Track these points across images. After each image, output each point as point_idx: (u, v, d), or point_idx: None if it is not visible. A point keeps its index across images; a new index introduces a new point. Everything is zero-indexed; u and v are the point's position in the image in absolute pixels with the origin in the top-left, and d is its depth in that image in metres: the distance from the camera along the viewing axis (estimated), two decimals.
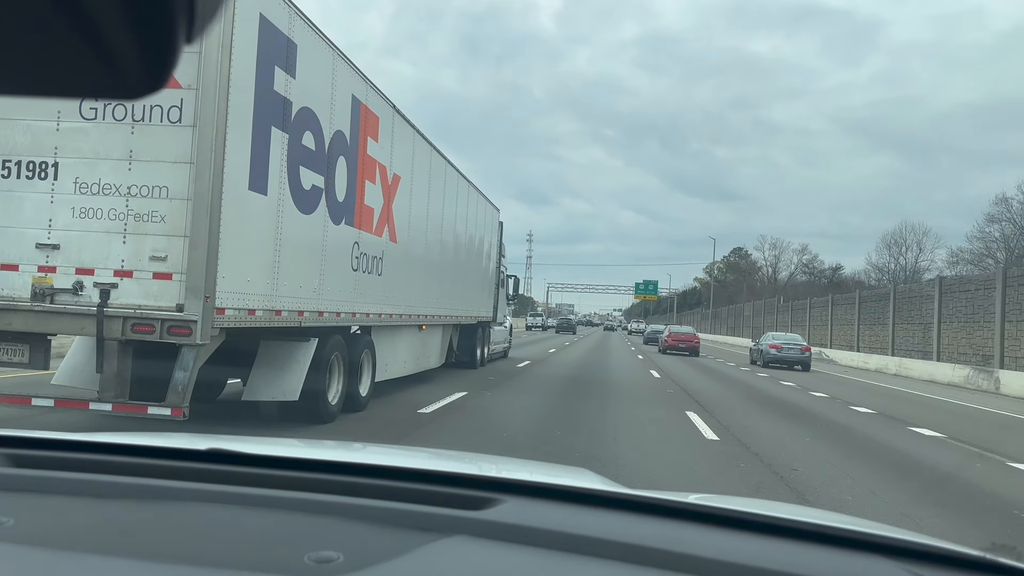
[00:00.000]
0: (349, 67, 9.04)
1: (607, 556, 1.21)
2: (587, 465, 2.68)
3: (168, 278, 6.24)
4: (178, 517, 1.30)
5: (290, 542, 1.18)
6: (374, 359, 10.61)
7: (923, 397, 20.11)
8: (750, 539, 1.34)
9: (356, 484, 1.47)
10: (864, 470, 8.17)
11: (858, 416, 13.92)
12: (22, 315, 6.35)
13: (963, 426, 13.44)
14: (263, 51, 6.87)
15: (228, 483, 1.45)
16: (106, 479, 1.44)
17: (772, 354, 29.78)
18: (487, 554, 1.21)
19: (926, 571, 1.22)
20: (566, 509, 1.43)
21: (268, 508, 1.35)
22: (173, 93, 6.26)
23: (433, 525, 1.28)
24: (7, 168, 6.41)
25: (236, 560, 1.12)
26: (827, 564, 1.25)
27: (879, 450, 9.82)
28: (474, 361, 18.40)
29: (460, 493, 1.45)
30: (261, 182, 7.00)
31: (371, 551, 1.15)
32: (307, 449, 1.94)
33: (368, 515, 1.32)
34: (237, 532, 1.25)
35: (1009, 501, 7.00)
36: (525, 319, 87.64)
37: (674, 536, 1.31)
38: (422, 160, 12.49)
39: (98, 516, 1.28)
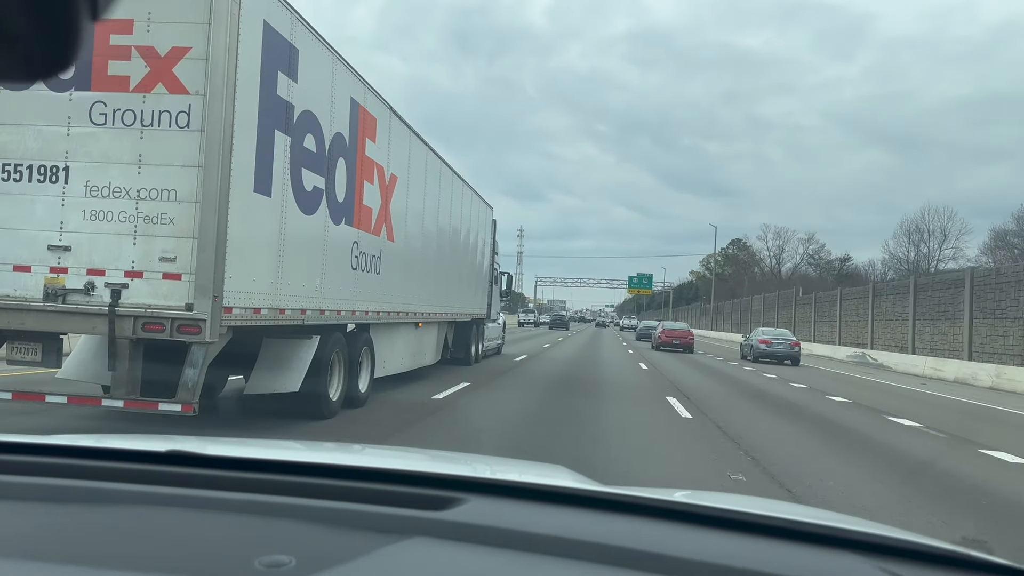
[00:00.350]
0: (347, 70, 9.23)
1: (572, 556, 1.20)
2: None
3: (177, 278, 6.44)
4: (130, 522, 1.27)
5: (241, 546, 1.17)
6: (373, 356, 10.82)
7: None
8: (721, 536, 1.33)
9: (313, 485, 1.44)
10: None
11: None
12: (35, 315, 6.54)
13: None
14: (267, 57, 7.07)
15: (186, 486, 1.42)
16: (58, 483, 1.40)
17: (762, 349, 30.15)
18: (446, 556, 1.19)
19: (899, 568, 1.22)
20: (533, 508, 1.40)
21: (222, 511, 1.32)
22: (181, 99, 6.45)
23: (391, 526, 1.25)
24: (19, 172, 6.59)
25: (185, 566, 1.10)
26: (799, 562, 1.24)
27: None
28: (469, 358, 18.63)
29: (422, 493, 1.41)
30: (265, 184, 7.20)
31: (324, 554, 1.13)
32: (270, 450, 1.88)
33: (323, 517, 1.30)
34: (189, 537, 1.22)
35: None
36: (517, 315, 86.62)
37: (642, 534, 1.31)
38: (418, 160, 12.70)
39: (45, 522, 1.25)
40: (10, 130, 6.60)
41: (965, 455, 9.35)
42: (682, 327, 38.10)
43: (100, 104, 6.53)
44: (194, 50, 6.45)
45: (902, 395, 18.66)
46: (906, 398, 17.73)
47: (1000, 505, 6.62)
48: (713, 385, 17.97)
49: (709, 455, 8.14)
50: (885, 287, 39.01)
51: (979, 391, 21.53)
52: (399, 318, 12.02)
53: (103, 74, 6.51)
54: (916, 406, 15.64)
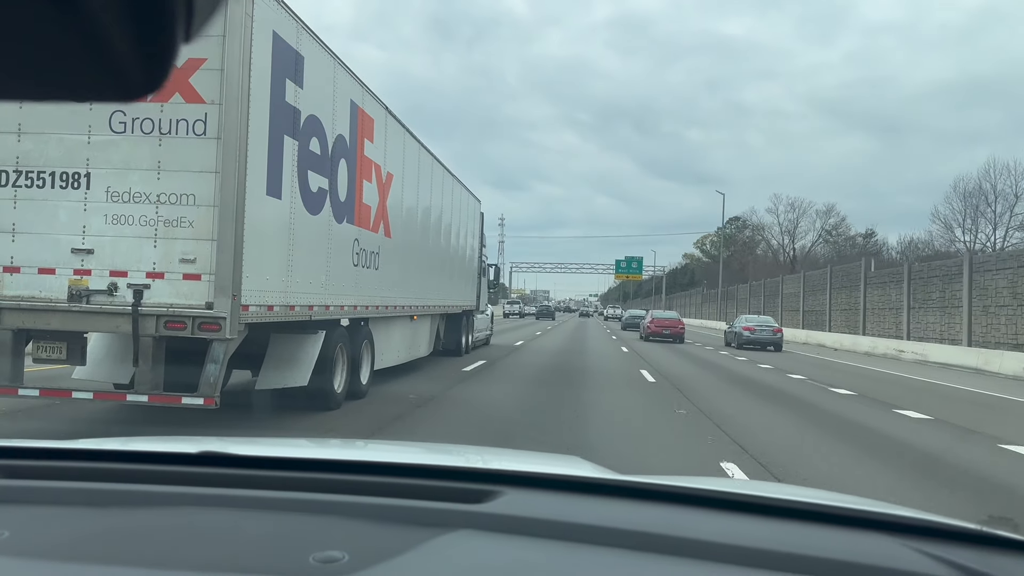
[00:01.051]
0: (347, 73, 9.56)
1: (611, 544, 1.23)
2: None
3: (197, 279, 6.78)
4: (175, 522, 1.29)
5: (293, 543, 1.18)
6: (373, 349, 11.19)
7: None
8: (750, 521, 1.36)
9: (356, 482, 1.48)
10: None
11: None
12: (60, 315, 6.86)
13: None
14: (276, 66, 7.40)
15: (225, 486, 1.44)
16: (100, 487, 1.42)
17: (745, 336, 30.85)
18: (493, 547, 1.23)
19: (925, 546, 1.24)
20: (564, 498, 1.46)
21: (266, 510, 1.34)
22: (198, 108, 6.78)
23: (436, 520, 1.28)
24: (42, 179, 6.90)
25: (238, 564, 1.12)
26: (829, 543, 1.26)
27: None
28: (460, 349, 19.02)
29: (459, 487, 1.46)
30: (276, 187, 7.55)
31: (376, 549, 1.15)
32: (299, 449, 1.93)
33: (371, 513, 1.32)
34: (237, 535, 1.24)
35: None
36: (502, 307, 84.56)
37: (675, 521, 1.34)
38: (411, 158, 13.04)
39: (95, 525, 1.28)
40: (33, 139, 6.90)
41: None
42: (672, 316, 36.71)
43: (119, 113, 6.84)
44: (209, 61, 6.77)
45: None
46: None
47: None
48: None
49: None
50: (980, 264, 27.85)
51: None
52: (396, 312, 12.39)
53: None
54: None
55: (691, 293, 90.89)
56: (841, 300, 39.78)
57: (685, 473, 8.87)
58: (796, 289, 47.18)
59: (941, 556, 1.19)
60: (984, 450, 8.65)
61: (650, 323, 34.95)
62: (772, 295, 52.33)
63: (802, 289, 45.87)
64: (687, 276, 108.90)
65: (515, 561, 1.18)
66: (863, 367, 23.11)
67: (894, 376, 20.15)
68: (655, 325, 34.28)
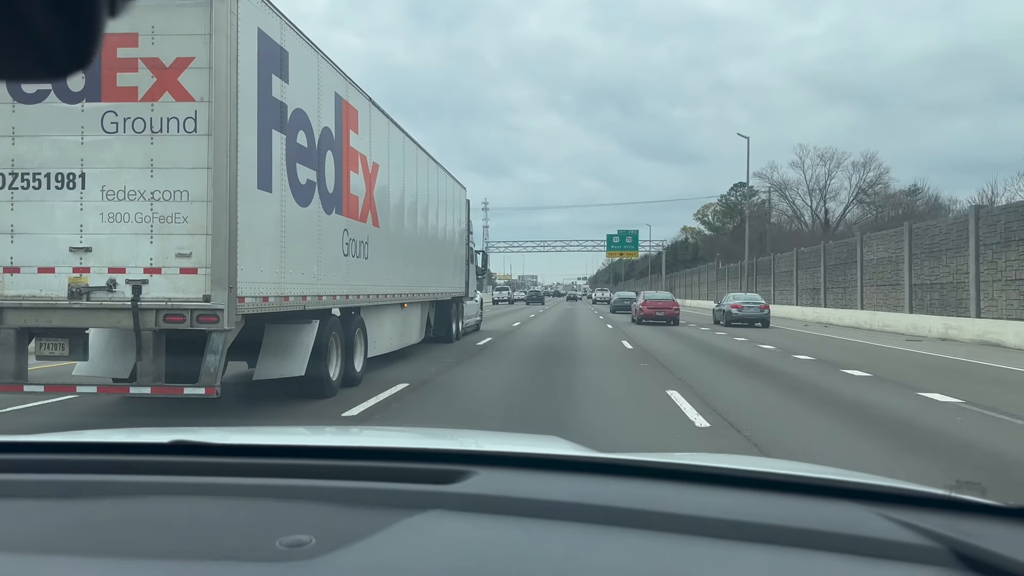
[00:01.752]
0: (331, 66, 9.73)
1: (581, 519, 1.24)
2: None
3: (194, 272, 6.97)
4: (144, 512, 1.29)
5: (260, 529, 1.18)
6: (366, 337, 11.41)
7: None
8: (720, 493, 1.37)
9: (325, 467, 1.48)
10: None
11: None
12: (61, 312, 7.04)
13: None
14: (262, 62, 7.57)
15: (194, 474, 1.44)
16: (69, 479, 1.42)
17: (734, 313, 31.27)
18: (462, 526, 1.23)
19: (893, 512, 1.25)
20: (539, 476, 1.46)
21: (236, 496, 1.35)
22: (188, 106, 6.95)
23: (406, 502, 1.29)
24: (37, 180, 7.05)
25: (206, 551, 1.12)
26: (797, 512, 1.28)
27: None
28: (450, 335, 19.26)
29: (432, 468, 1.45)
30: (267, 181, 7.73)
31: (344, 532, 1.15)
32: (274, 436, 1.93)
33: (339, 497, 1.33)
34: (205, 522, 1.24)
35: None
36: (491, 293, 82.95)
37: (645, 495, 1.35)
38: (396, 147, 13.22)
39: (64, 517, 1.26)
40: (27, 141, 7.06)
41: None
42: (665, 296, 34.97)
43: (111, 114, 7.00)
44: (197, 60, 6.94)
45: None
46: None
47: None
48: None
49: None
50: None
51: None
52: (387, 300, 12.60)
53: (112, 85, 6.98)
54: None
55: (698, 270, 77.64)
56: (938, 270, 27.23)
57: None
58: (845, 256, 36.05)
59: (909, 522, 1.21)
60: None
61: (642, 305, 33.36)
62: (810, 265, 41.00)
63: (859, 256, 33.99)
64: (688, 252, 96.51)
65: (484, 539, 1.19)
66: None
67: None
68: (648, 307, 32.80)
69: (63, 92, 7.01)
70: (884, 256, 31.99)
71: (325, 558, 1.05)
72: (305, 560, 1.05)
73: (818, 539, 1.17)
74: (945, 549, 1.13)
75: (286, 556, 1.06)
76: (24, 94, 7.03)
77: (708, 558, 1.14)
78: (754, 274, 52.41)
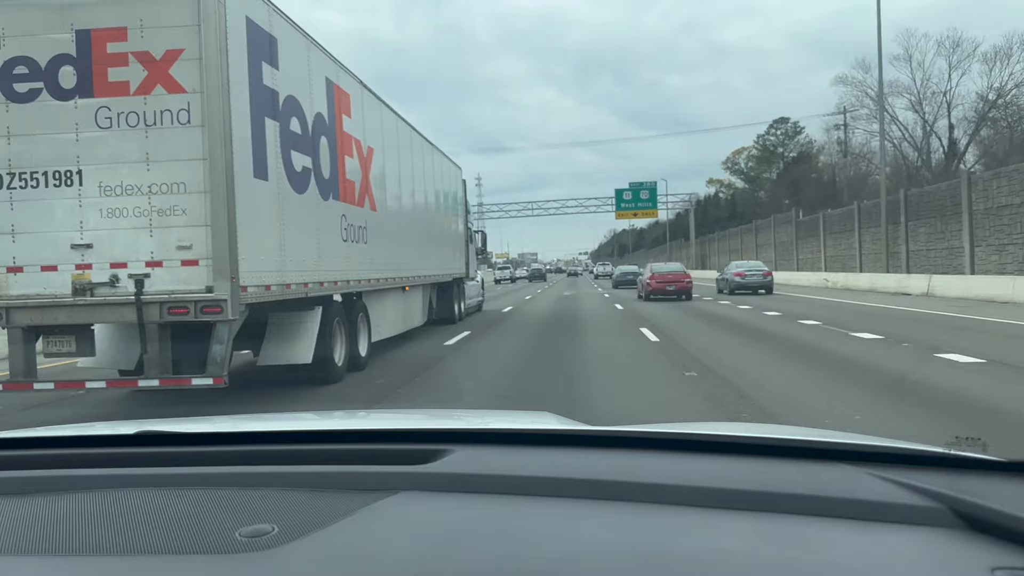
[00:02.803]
0: (320, 51, 9.72)
1: (556, 494, 1.21)
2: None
3: (195, 264, 7.01)
4: (103, 506, 1.25)
5: (221, 519, 1.16)
6: (369, 321, 11.47)
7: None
8: (708, 460, 1.34)
9: (290, 452, 1.44)
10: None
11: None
12: (66, 310, 7.10)
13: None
14: (252, 50, 7.56)
15: (157, 465, 1.41)
16: (29, 475, 1.39)
17: (737, 281, 31.47)
18: (432, 506, 1.20)
19: (890, 472, 1.22)
20: (518, 452, 1.42)
21: (199, 487, 1.31)
22: (180, 98, 6.96)
23: (375, 484, 1.25)
24: (35, 179, 7.08)
25: (164, 544, 1.09)
26: (790, 477, 1.25)
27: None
28: (453, 316, 19.32)
29: (406, 449, 1.43)
30: (263, 169, 7.75)
31: (308, 519, 1.12)
32: (240, 423, 1.89)
33: (304, 482, 1.29)
34: (165, 515, 1.20)
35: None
36: (493, 272, 78.62)
37: (629, 466, 1.31)
38: (390, 130, 13.21)
39: (21, 514, 1.24)
40: (22, 140, 7.07)
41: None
42: (676, 268, 30.92)
43: (104, 109, 7.01)
44: (187, 51, 6.93)
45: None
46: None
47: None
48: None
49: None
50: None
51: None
52: (388, 283, 12.65)
53: (104, 80, 6.98)
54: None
55: (737, 231, 59.93)
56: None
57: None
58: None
59: (906, 482, 1.18)
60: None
61: (650, 279, 29.20)
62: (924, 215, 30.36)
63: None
64: (723, 208, 76.21)
65: (455, 519, 1.15)
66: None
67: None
68: (656, 281, 28.89)
69: (55, 89, 7.02)
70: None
71: (286, 547, 1.03)
72: (265, 550, 1.02)
73: (812, 504, 1.14)
74: (945, 508, 1.10)
75: (246, 547, 1.04)
76: (16, 93, 7.04)
77: (696, 527, 1.11)
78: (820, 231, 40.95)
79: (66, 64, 7.02)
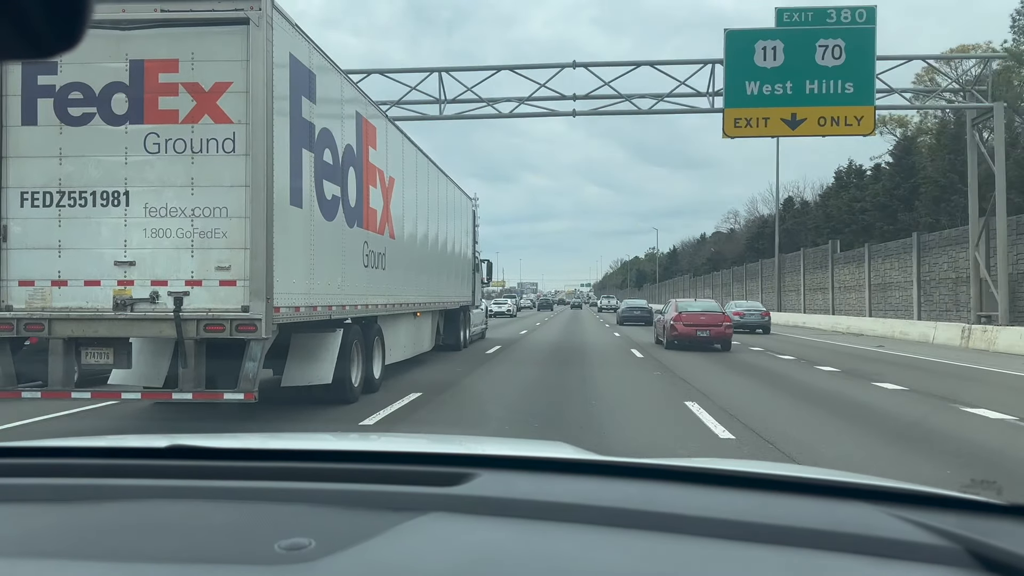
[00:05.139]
0: (352, 86, 10.19)
1: (582, 521, 1.22)
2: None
3: (233, 284, 7.39)
4: (141, 515, 1.27)
5: (259, 532, 1.17)
6: (383, 345, 11.83)
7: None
8: (727, 494, 1.36)
9: (325, 469, 1.47)
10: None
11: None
12: (107, 323, 7.45)
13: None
14: (293, 85, 8.01)
15: (191, 478, 1.43)
16: (66, 482, 1.41)
17: (736, 320, 31.91)
18: (462, 527, 1.22)
19: (906, 512, 1.23)
20: (541, 479, 1.45)
21: (234, 500, 1.34)
22: (226, 128, 7.38)
23: (407, 504, 1.28)
24: (84, 198, 7.47)
25: (203, 554, 1.12)
26: (807, 512, 1.26)
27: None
28: (459, 343, 19.68)
29: (434, 471, 1.45)
30: (298, 197, 8.16)
31: (344, 534, 1.14)
32: (271, 441, 1.92)
33: (339, 499, 1.32)
34: (203, 526, 1.23)
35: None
36: (486, 304, 59.06)
37: (650, 497, 1.33)
38: (409, 161, 13.67)
39: (60, 520, 1.26)
40: (74, 162, 7.48)
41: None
42: (711, 308, 23.26)
43: (153, 135, 7.42)
44: (235, 84, 7.37)
45: None
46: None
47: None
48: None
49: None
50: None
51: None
52: (402, 308, 13.04)
53: (154, 108, 7.41)
54: None
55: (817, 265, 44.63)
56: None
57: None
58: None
59: (923, 522, 1.19)
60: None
61: (676, 320, 21.26)
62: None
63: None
64: (764, 241, 60.45)
65: (486, 541, 1.17)
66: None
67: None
68: (685, 323, 21.08)
69: (108, 115, 7.44)
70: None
71: (324, 560, 1.05)
72: (304, 563, 1.04)
73: (831, 540, 1.15)
74: (960, 549, 1.11)
75: (285, 559, 1.06)
76: (71, 116, 7.46)
77: (716, 559, 1.12)
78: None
79: (119, 92, 7.44)
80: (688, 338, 20.82)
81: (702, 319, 21.24)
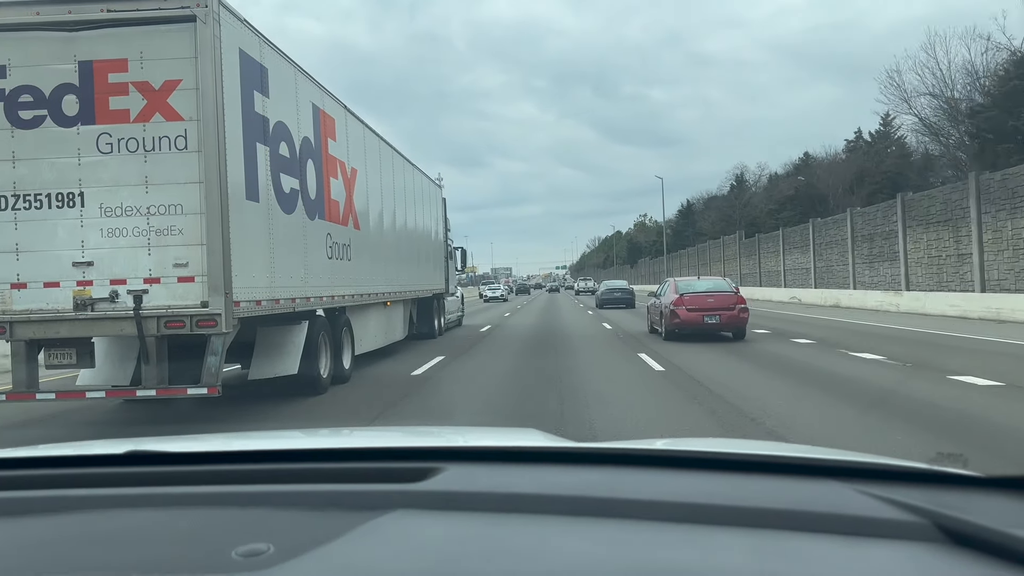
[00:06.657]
0: (307, 78, 10.22)
1: (553, 511, 1.21)
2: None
3: (191, 281, 7.46)
4: (96, 526, 1.24)
5: (216, 539, 1.15)
6: (352, 336, 11.92)
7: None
8: (695, 477, 1.35)
9: (287, 471, 1.44)
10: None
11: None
12: (68, 324, 7.51)
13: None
14: (244, 79, 8.05)
15: (149, 485, 1.40)
16: (18, 495, 1.38)
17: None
18: (429, 524, 1.20)
19: (875, 488, 1.24)
20: (509, 470, 1.43)
21: (193, 506, 1.31)
22: (177, 125, 7.42)
23: (370, 503, 1.26)
24: (39, 200, 7.50)
25: (160, 564, 1.09)
26: (776, 493, 1.26)
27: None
28: (433, 331, 19.80)
29: (398, 467, 1.42)
30: (254, 191, 8.23)
31: (303, 538, 1.12)
32: (232, 441, 1.88)
33: (300, 501, 1.30)
34: (159, 535, 1.20)
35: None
36: (479, 289, 69.26)
37: (617, 483, 1.32)
38: (373, 152, 13.72)
39: (10, 535, 1.23)
40: (27, 164, 7.50)
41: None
42: (720, 287, 18.47)
43: (105, 135, 7.46)
44: (184, 81, 7.41)
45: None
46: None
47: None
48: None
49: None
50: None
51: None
52: (370, 299, 13.12)
53: (105, 109, 7.44)
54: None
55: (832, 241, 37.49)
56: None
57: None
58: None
59: (890, 497, 1.19)
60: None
61: (675, 304, 17.35)
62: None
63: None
64: (792, 206, 52.83)
65: (452, 537, 1.15)
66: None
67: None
68: (688, 308, 17.17)
69: (59, 117, 7.46)
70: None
71: (283, 566, 1.02)
72: (262, 570, 1.01)
73: (800, 519, 1.15)
74: (928, 523, 1.11)
75: (242, 566, 1.03)
76: (22, 120, 7.47)
77: (686, 543, 1.11)
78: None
79: (69, 93, 7.46)
80: (693, 325, 17.03)
81: (709, 302, 17.23)
